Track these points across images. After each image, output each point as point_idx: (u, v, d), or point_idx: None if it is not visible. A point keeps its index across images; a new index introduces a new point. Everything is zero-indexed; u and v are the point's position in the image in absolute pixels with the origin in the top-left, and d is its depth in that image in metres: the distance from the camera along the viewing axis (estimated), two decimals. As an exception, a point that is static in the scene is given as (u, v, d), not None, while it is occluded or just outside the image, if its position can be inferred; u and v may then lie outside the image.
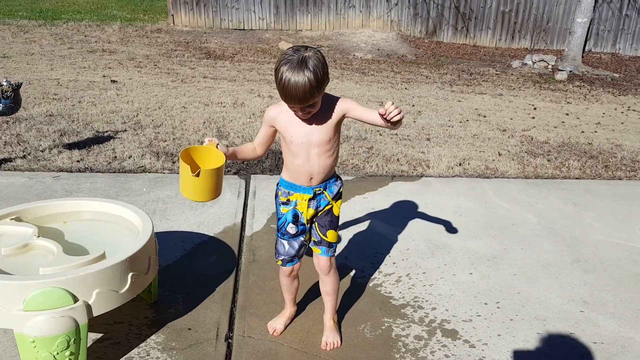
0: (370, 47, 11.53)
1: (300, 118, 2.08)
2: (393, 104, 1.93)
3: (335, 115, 2.12)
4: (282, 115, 2.12)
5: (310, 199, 2.22)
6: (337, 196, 2.29)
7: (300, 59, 1.90)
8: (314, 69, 1.90)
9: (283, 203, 2.26)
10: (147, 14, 13.78)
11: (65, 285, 1.97)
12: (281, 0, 12.18)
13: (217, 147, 2.12)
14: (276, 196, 2.30)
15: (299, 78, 1.89)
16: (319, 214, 2.27)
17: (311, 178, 2.19)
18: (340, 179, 2.32)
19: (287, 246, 2.31)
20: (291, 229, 2.26)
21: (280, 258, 2.34)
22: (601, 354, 2.44)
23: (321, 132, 2.10)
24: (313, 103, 1.98)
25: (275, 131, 2.21)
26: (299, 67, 1.89)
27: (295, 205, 2.23)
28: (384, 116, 1.95)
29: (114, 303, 2.13)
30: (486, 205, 3.97)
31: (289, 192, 2.24)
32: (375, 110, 2.03)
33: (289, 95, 1.93)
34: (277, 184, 2.30)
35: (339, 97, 2.15)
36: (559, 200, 4.13)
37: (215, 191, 2.12)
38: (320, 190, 2.22)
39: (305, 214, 2.24)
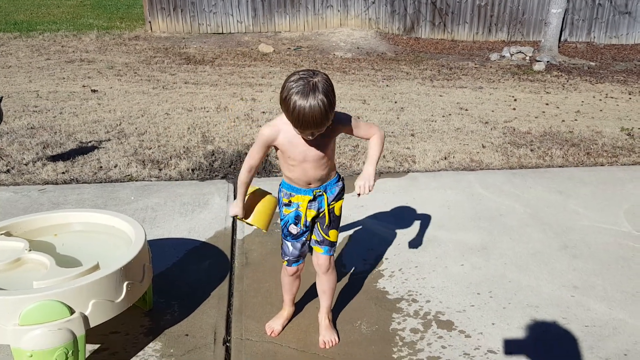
0: (350, 45, 11.57)
1: (304, 139, 2.08)
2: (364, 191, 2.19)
3: (335, 133, 2.15)
4: (282, 135, 2.10)
5: (310, 201, 2.25)
6: (338, 197, 2.32)
7: (312, 85, 1.88)
8: (326, 93, 1.89)
9: (285, 205, 2.29)
10: (124, 22, 13.66)
11: (60, 298, 1.96)
12: (259, 3, 12.16)
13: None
14: (279, 198, 2.32)
15: (314, 104, 1.86)
16: (321, 214, 2.30)
17: (309, 184, 2.23)
18: (342, 180, 2.35)
19: (291, 247, 2.33)
20: (293, 229, 2.29)
21: (286, 258, 2.37)
22: (594, 337, 2.50)
23: (318, 150, 2.12)
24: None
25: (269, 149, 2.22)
26: (312, 94, 1.87)
27: (297, 207, 2.26)
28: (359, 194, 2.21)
29: (110, 313, 2.12)
30: (473, 197, 4.02)
31: (290, 194, 2.26)
32: (371, 126, 2.24)
33: (305, 122, 1.91)
34: (280, 186, 2.32)
35: (346, 117, 2.16)
36: (544, 189, 4.19)
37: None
38: (320, 192, 2.25)
39: (306, 214, 2.27)
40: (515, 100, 7.51)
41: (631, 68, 10.62)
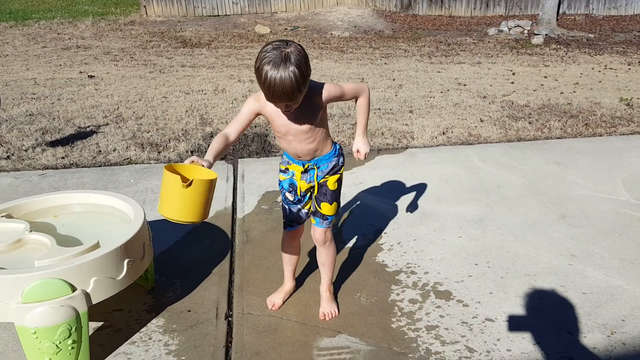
0: (347, 24, 11.48)
1: (283, 112, 2.07)
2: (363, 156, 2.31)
3: (318, 106, 2.11)
4: (269, 106, 2.08)
5: (302, 172, 2.26)
6: (333, 171, 2.29)
7: (284, 55, 1.85)
8: (298, 64, 1.86)
9: (282, 171, 2.33)
10: (119, 7, 13.56)
11: (62, 276, 1.99)
12: (254, -16, 12.04)
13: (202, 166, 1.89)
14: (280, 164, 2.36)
15: (284, 75, 1.83)
16: (311, 187, 2.31)
17: (298, 156, 2.23)
18: (339, 156, 2.30)
19: (287, 210, 2.39)
20: (289, 195, 2.33)
21: (283, 220, 2.42)
22: (591, 303, 2.52)
23: (300, 123, 2.10)
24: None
25: (256, 116, 2.19)
26: (283, 64, 1.84)
27: (293, 175, 2.29)
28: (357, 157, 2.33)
29: (112, 290, 2.15)
30: (471, 170, 4.03)
31: (288, 162, 2.29)
32: (357, 85, 2.21)
33: (276, 94, 1.88)
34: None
35: (322, 86, 2.09)
36: (542, 160, 4.20)
37: (206, 210, 1.86)
38: (311, 165, 2.25)
39: (299, 184, 2.29)
40: (513, 74, 7.48)
41: (630, 39, 10.53)
